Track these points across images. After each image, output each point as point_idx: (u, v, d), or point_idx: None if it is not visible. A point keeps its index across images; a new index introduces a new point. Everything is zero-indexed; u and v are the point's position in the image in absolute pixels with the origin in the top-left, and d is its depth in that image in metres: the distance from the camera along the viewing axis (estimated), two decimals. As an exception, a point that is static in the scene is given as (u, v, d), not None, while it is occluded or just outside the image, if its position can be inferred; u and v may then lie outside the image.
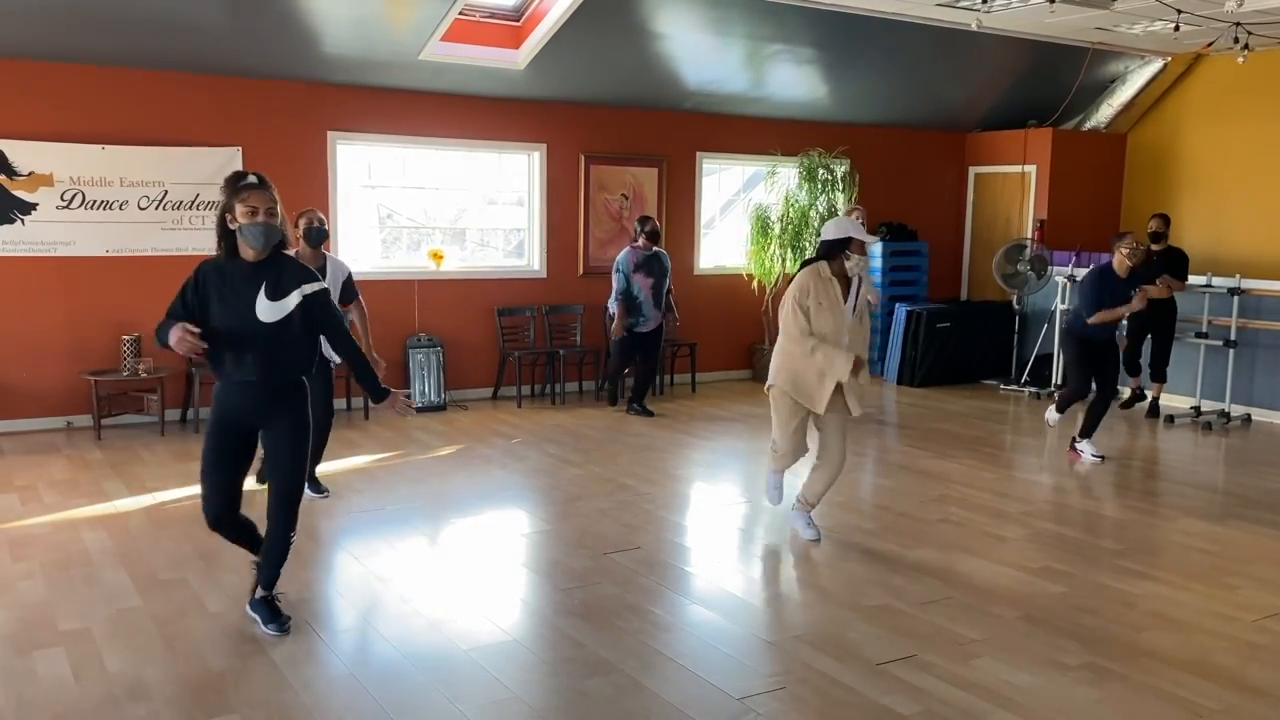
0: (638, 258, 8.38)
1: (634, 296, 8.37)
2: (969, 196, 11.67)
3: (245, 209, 3.76)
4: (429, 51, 7.99)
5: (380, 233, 9.10)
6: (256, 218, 3.76)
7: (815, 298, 5.00)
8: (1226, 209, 10.48)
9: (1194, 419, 8.58)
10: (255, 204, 3.76)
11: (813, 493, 5.32)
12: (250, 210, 3.75)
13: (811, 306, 5.00)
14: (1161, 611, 4.41)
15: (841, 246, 5.05)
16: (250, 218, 3.76)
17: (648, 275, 8.40)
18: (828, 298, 5.01)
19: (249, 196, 3.76)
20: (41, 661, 3.78)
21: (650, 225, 8.44)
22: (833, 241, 5.08)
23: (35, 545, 5.09)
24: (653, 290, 8.41)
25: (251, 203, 3.75)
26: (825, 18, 8.53)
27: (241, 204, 3.76)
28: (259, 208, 3.76)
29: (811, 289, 5.02)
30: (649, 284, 8.40)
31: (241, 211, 3.76)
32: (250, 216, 3.76)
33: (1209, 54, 10.06)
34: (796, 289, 5.04)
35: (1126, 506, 6.14)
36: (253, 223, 3.76)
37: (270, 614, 4.10)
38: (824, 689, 3.63)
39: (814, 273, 5.06)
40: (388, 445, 7.41)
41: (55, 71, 7.41)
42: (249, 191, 3.77)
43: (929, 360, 10.28)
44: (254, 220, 3.76)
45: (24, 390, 7.59)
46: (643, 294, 8.38)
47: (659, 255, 8.49)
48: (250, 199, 3.76)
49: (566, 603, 4.43)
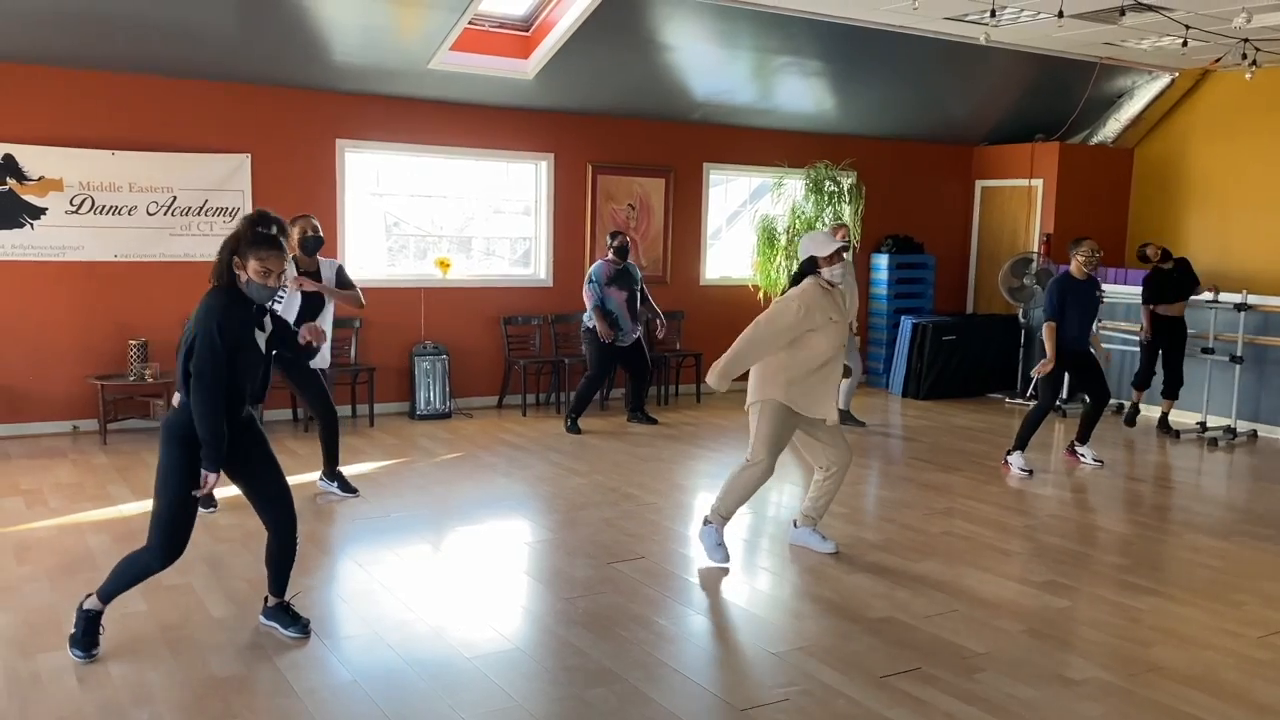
0: (610, 271, 8.29)
1: (609, 311, 8.23)
2: (975, 210, 11.67)
3: (261, 268, 3.71)
4: (438, 60, 8.02)
5: (387, 241, 9.12)
6: (269, 280, 3.73)
7: (824, 311, 4.87)
8: (1233, 224, 10.47)
9: (1200, 435, 8.56)
10: (272, 267, 3.72)
11: (821, 506, 5.29)
12: (265, 271, 3.72)
13: (820, 323, 4.85)
14: (1167, 627, 4.40)
15: (811, 267, 4.94)
16: (263, 278, 3.72)
17: (620, 288, 8.28)
18: (836, 310, 4.94)
19: (268, 258, 3.71)
20: (46, 665, 3.78)
21: (620, 240, 8.33)
22: (807, 261, 4.97)
23: (40, 549, 5.10)
24: (627, 303, 8.28)
25: (269, 265, 3.72)
26: (833, 30, 8.56)
27: (259, 262, 3.71)
28: (274, 271, 3.73)
29: (819, 305, 4.86)
30: (623, 297, 8.27)
31: (256, 269, 3.71)
32: (263, 277, 3.72)
33: (1217, 70, 10.08)
34: (805, 302, 4.84)
35: (1132, 521, 6.12)
36: (265, 285, 3.74)
37: (290, 619, 4.11)
38: (828, 701, 3.62)
39: (816, 285, 4.92)
40: (392, 452, 7.42)
41: (66, 77, 7.45)
42: (268, 252, 3.72)
43: (934, 373, 10.27)
44: (266, 283, 3.73)
45: (31, 394, 7.61)
46: (618, 307, 8.25)
47: (628, 268, 8.38)
48: (269, 260, 3.72)
49: (570, 612, 4.43)
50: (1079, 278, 7.05)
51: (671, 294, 9.94)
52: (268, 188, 8.15)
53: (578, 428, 8.22)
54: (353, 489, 6.17)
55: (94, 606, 3.88)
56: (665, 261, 9.98)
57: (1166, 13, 7.74)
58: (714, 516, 5.13)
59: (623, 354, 8.42)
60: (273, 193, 8.17)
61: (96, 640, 3.86)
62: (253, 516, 4.19)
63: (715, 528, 5.12)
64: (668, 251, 10.00)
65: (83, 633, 3.85)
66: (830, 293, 4.97)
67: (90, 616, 3.87)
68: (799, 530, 5.38)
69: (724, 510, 5.11)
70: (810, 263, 4.97)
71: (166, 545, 3.79)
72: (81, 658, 3.79)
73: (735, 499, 5.08)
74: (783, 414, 4.95)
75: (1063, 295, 6.97)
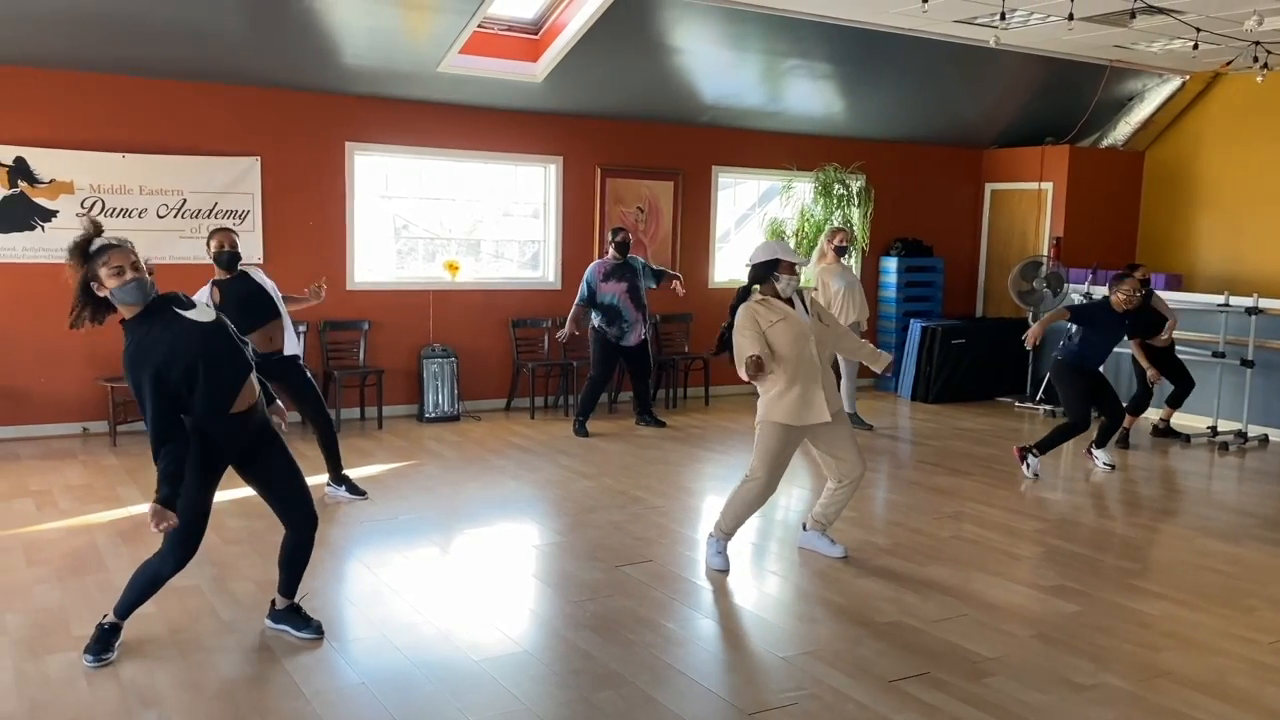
0: (606, 268, 8.25)
1: (611, 305, 8.19)
2: (985, 213, 11.64)
3: (110, 270, 3.53)
4: (448, 63, 8.04)
5: (396, 243, 9.13)
6: (126, 276, 3.54)
7: (765, 319, 4.84)
8: (1244, 228, 10.43)
9: (1211, 439, 8.52)
10: (118, 262, 3.54)
11: (832, 514, 5.26)
12: (117, 270, 3.53)
13: (765, 329, 4.81)
14: (1177, 632, 4.37)
15: (769, 270, 4.92)
16: (120, 277, 3.54)
17: (619, 280, 8.22)
18: (775, 313, 4.86)
19: (109, 258, 3.53)
20: (55, 666, 3.80)
21: (621, 236, 8.31)
22: (760, 265, 4.95)
23: (50, 550, 5.12)
24: (629, 294, 8.21)
25: (115, 261, 3.53)
26: (842, 33, 8.55)
27: (105, 268, 3.53)
28: (124, 264, 3.54)
29: (752, 319, 4.84)
30: (622, 289, 8.20)
31: (108, 275, 3.53)
32: (120, 276, 3.53)
33: (1228, 73, 10.03)
34: (742, 321, 4.85)
35: (1142, 526, 6.10)
36: (125, 282, 3.54)
37: (302, 621, 4.12)
38: (836, 705, 3.61)
39: (747, 309, 4.89)
40: (400, 455, 7.43)
41: (77, 80, 7.49)
42: (106, 254, 3.54)
43: (943, 377, 10.25)
44: (125, 280, 3.54)
45: (41, 396, 7.64)
46: (619, 300, 8.18)
47: (628, 261, 8.33)
48: (111, 259, 3.53)
49: (578, 615, 4.43)
50: (1118, 310, 7.08)
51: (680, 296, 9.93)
52: (277, 190, 8.18)
53: (586, 430, 8.22)
54: (360, 491, 6.18)
55: (112, 622, 3.90)
56: (674, 264, 9.96)
57: (1177, 15, 7.72)
58: (716, 531, 5.12)
59: (626, 354, 8.40)
60: (282, 195, 8.21)
61: (110, 648, 3.86)
62: (262, 519, 4.21)
63: (718, 540, 5.10)
64: (676, 254, 10.00)
65: (96, 640, 3.86)
66: (767, 302, 4.90)
67: (107, 629, 3.89)
68: (808, 534, 5.36)
69: (726, 527, 5.08)
70: (768, 267, 4.91)
71: (179, 550, 3.80)
72: (91, 663, 3.79)
73: (734, 515, 5.05)
74: (782, 433, 4.90)
75: (1095, 317, 7.09)
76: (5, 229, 7.37)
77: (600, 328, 8.27)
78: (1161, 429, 8.59)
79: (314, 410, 6.08)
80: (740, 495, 5.02)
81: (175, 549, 3.79)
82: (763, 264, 4.96)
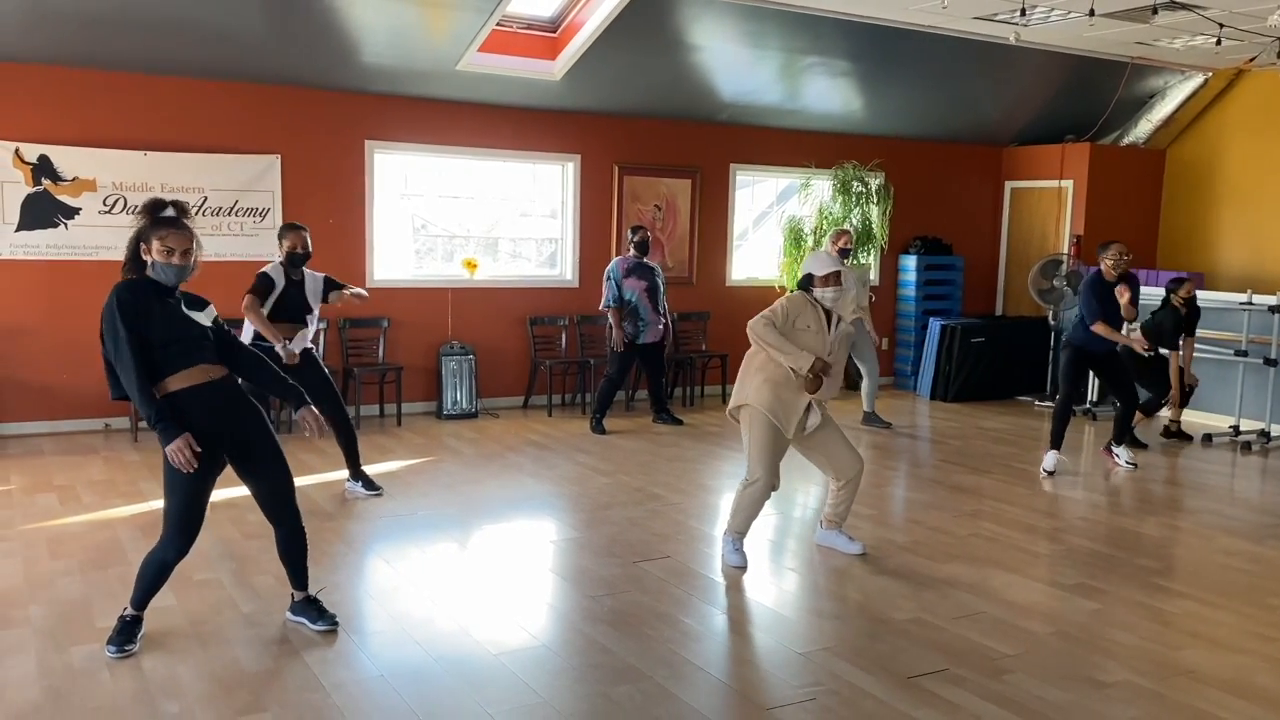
0: (627, 264, 8.25)
1: (629, 301, 8.19)
2: (1005, 211, 11.58)
3: (162, 248, 3.70)
4: (466, 62, 8.06)
5: (415, 242, 9.17)
6: (172, 259, 3.71)
7: (804, 320, 4.88)
8: (1267, 226, 10.33)
9: (1233, 438, 8.45)
10: (172, 245, 3.71)
11: (842, 510, 5.26)
12: (167, 250, 3.70)
13: (798, 325, 4.86)
14: (1199, 630, 4.34)
15: (807, 284, 4.98)
16: (166, 257, 3.71)
17: (640, 278, 8.22)
18: (815, 321, 4.90)
19: (167, 236, 3.71)
20: (78, 657, 3.83)
21: (641, 234, 8.30)
22: (803, 278, 5.04)
23: (73, 544, 5.16)
24: (648, 293, 8.22)
25: (169, 243, 3.71)
26: (861, 30, 8.52)
27: (159, 241, 3.70)
28: (176, 249, 3.72)
29: (800, 312, 4.89)
30: (642, 286, 8.20)
31: (158, 249, 3.70)
32: (166, 256, 3.71)
33: (1251, 69, 9.95)
34: (784, 305, 4.90)
35: (1163, 524, 6.05)
36: (169, 264, 3.72)
37: (318, 613, 4.14)
38: (854, 701, 3.60)
39: (804, 298, 4.95)
40: (419, 451, 7.45)
41: (99, 79, 7.55)
42: (167, 230, 3.72)
43: (963, 375, 10.20)
44: (170, 261, 3.71)
45: (64, 392, 7.71)
46: (638, 297, 8.19)
47: (647, 263, 8.34)
48: (168, 239, 3.71)
49: (595, 610, 4.43)
50: (1109, 280, 7.03)
51: (697, 295, 9.94)
52: (297, 188, 8.22)
53: (603, 428, 8.23)
54: (376, 488, 6.20)
55: (132, 614, 3.94)
56: (691, 262, 9.97)
57: (1200, 11, 7.66)
58: (730, 531, 5.12)
59: (641, 352, 8.41)
60: (302, 193, 8.25)
61: (132, 639, 3.89)
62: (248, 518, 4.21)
63: (732, 539, 5.11)
64: (694, 252, 9.99)
65: (118, 632, 3.89)
66: (815, 307, 4.93)
67: (129, 621, 3.93)
68: (825, 531, 5.36)
69: (736, 528, 5.09)
70: (807, 280, 5.00)
71: (179, 536, 3.83)
72: (113, 654, 3.82)
73: (744, 517, 5.06)
74: (760, 419, 4.90)
75: (1097, 298, 6.99)
76: (29, 226, 7.44)
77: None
78: (1173, 430, 8.50)
79: (330, 406, 6.11)
80: (745, 498, 5.02)
81: (175, 536, 3.83)
82: (803, 278, 5.05)
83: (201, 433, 3.76)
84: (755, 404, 4.90)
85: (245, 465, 3.99)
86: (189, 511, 3.82)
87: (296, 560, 4.14)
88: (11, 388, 7.56)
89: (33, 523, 5.51)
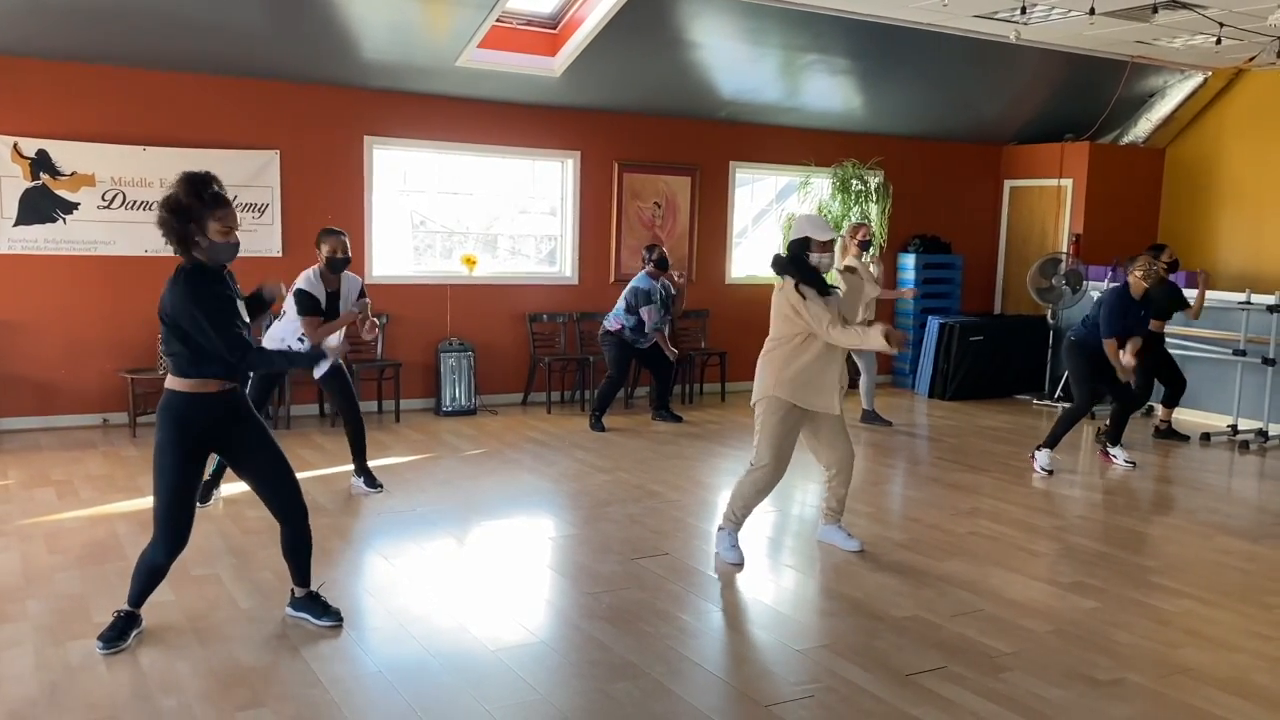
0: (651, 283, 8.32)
1: (643, 320, 8.28)
2: (1004, 210, 11.59)
3: (222, 228, 3.66)
4: (466, 58, 8.05)
5: (413, 238, 9.16)
6: (230, 238, 3.70)
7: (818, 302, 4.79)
8: (1266, 225, 10.34)
9: (1231, 438, 8.45)
10: (231, 224, 3.69)
11: (839, 500, 5.27)
12: (226, 230, 3.68)
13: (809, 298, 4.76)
14: (1196, 629, 4.35)
15: (802, 248, 4.83)
16: (225, 238, 3.68)
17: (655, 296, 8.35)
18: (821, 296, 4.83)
19: (225, 215, 3.67)
20: (76, 652, 3.83)
21: (658, 253, 8.34)
22: (794, 241, 4.87)
23: (71, 539, 5.16)
24: (660, 308, 8.38)
25: (229, 222, 3.69)
26: (861, 28, 8.52)
27: (219, 222, 3.65)
28: (233, 228, 3.71)
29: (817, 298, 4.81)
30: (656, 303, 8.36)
31: (217, 230, 3.65)
32: (225, 236, 3.68)
33: (1250, 68, 9.95)
34: (816, 304, 4.76)
35: (1161, 523, 6.06)
36: (227, 243, 3.69)
37: (321, 608, 4.14)
38: (852, 698, 3.61)
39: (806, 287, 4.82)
40: (418, 448, 7.45)
41: (98, 73, 7.54)
42: (225, 210, 3.68)
43: (961, 373, 10.21)
44: (228, 241, 3.69)
45: (62, 387, 7.70)
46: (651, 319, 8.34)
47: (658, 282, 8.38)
48: (228, 218, 3.68)
49: (594, 606, 4.43)
50: (1135, 296, 7.05)
51: (697, 292, 9.93)
52: (296, 184, 8.21)
53: (602, 425, 8.23)
54: (377, 484, 6.20)
55: (128, 611, 3.93)
56: (691, 260, 9.96)
57: (1200, 10, 7.66)
58: (726, 522, 5.11)
59: (641, 354, 8.43)
60: (301, 189, 8.24)
61: (125, 636, 3.88)
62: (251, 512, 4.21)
63: (729, 532, 5.10)
64: (693, 250, 9.99)
65: (111, 627, 3.88)
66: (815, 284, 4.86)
67: (124, 617, 3.91)
68: (826, 527, 5.36)
69: (735, 516, 5.07)
70: (803, 244, 4.84)
71: (167, 537, 3.81)
72: (103, 649, 3.80)
73: (744, 504, 5.04)
74: (785, 411, 4.87)
75: (1121, 314, 6.99)
76: (28, 221, 7.42)
77: (620, 331, 8.29)
78: (1163, 430, 8.49)
79: (344, 401, 6.14)
80: (749, 482, 4.99)
81: (163, 538, 3.81)
82: (796, 240, 4.88)
83: (196, 437, 3.77)
84: (780, 395, 4.86)
85: (247, 470, 4.00)
86: (175, 511, 3.81)
87: (301, 557, 4.14)
88: (9, 382, 7.55)
89: (30, 518, 5.50)
